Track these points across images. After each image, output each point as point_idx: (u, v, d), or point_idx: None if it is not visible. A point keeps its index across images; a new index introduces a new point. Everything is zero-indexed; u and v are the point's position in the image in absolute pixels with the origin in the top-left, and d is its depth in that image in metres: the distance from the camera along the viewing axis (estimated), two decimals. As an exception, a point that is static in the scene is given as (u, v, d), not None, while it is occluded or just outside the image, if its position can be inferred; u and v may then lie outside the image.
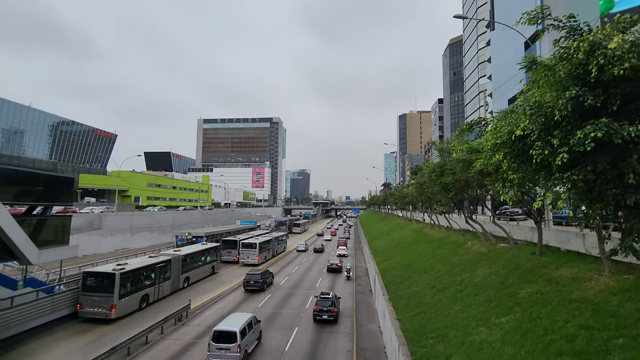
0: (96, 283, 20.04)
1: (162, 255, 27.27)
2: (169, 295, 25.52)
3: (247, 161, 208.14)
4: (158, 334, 17.89)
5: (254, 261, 38.27)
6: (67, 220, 17.57)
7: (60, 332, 18.09)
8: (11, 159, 70.04)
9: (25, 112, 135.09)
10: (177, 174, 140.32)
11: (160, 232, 55.84)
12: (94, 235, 42.18)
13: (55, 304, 18.39)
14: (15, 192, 14.84)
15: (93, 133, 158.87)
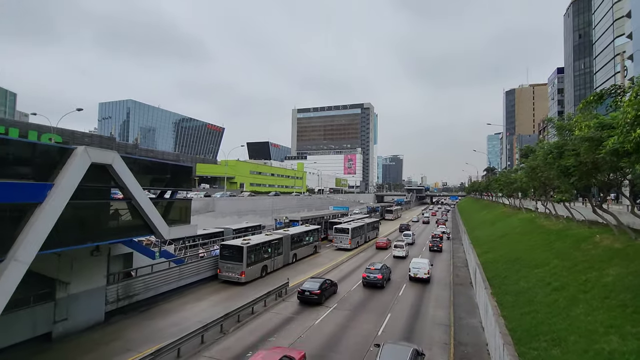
0: (229, 253, 24.78)
1: (275, 233, 31.23)
2: (281, 267, 29.56)
3: (338, 148, 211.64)
4: (262, 306, 19.84)
5: (347, 246, 39.29)
6: (188, 203, 20.61)
7: (207, 288, 23.54)
8: (147, 152, 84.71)
9: (155, 112, 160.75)
10: (274, 162, 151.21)
11: (261, 215, 61.23)
12: (209, 216, 48.57)
13: (199, 268, 24.39)
14: (151, 179, 17.93)
15: (205, 127, 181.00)
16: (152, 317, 18.29)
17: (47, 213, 11.39)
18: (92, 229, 14.21)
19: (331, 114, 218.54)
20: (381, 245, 41.06)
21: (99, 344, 14.99)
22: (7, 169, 11.16)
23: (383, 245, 41.01)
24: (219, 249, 26.37)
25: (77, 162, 12.45)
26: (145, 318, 18.09)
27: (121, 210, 15.92)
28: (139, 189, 15.53)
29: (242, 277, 24.22)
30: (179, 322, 17.49)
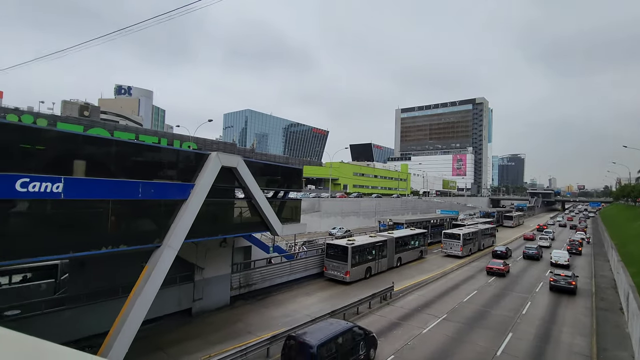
0: (335, 253, 25.66)
1: (379, 236, 31.01)
2: (385, 271, 29.07)
3: (446, 148, 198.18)
4: (366, 307, 19.86)
5: (458, 253, 36.52)
6: (299, 203, 22.11)
7: (314, 284, 24.72)
8: (261, 156, 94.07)
9: (268, 119, 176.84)
10: (377, 163, 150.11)
11: (364, 217, 61.58)
12: (315, 216, 51.13)
13: (307, 265, 25.91)
14: (266, 180, 19.80)
15: (311, 131, 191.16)
16: (267, 305, 20.13)
17: (190, 208, 13.60)
18: (221, 224, 16.39)
19: (438, 111, 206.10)
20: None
21: (227, 323, 17.22)
22: (162, 171, 13.74)
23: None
24: (305, 250, 27.65)
25: (211, 165, 14.55)
26: (262, 306, 20.01)
27: (243, 208, 17.99)
28: (257, 189, 17.29)
29: (347, 276, 24.69)
30: (289, 314, 18.82)
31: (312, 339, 11.77)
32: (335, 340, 12.20)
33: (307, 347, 11.47)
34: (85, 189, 10.76)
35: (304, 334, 12.45)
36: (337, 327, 12.89)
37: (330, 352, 11.84)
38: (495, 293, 24.24)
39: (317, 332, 12.50)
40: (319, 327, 13.11)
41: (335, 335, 12.30)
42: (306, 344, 11.61)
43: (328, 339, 11.96)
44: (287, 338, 12.66)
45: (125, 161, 12.39)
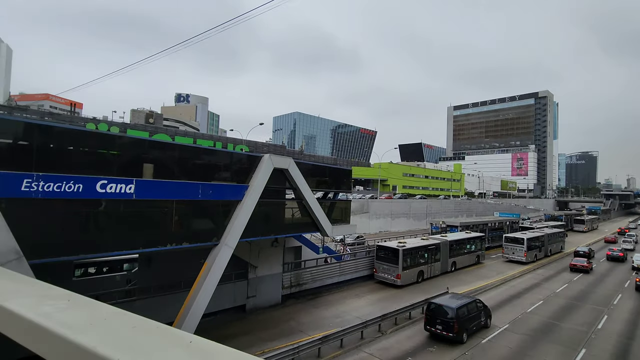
0: (385, 255, 25.20)
1: (432, 238, 29.98)
2: (438, 275, 27.88)
3: (504, 146, 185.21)
4: (419, 313, 19.17)
5: (521, 259, 33.90)
6: (348, 204, 22.08)
7: (364, 286, 24.47)
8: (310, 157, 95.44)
9: (316, 121, 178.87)
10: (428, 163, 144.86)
11: (415, 219, 59.64)
12: (363, 217, 50.59)
13: (357, 266, 25.78)
14: (316, 181, 20.00)
15: (359, 132, 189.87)
16: (317, 305, 20.29)
17: (245, 209, 14.17)
18: (273, 224, 16.86)
19: (495, 107, 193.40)
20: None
21: (279, 321, 17.65)
22: (219, 173, 14.48)
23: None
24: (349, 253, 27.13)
25: (264, 167, 15.03)
26: (313, 306, 20.21)
27: (294, 209, 18.34)
28: (308, 189, 17.51)
29: (398, 279, 24.08)
30: (339, 315, 18.79)
31: (450, 304, 15.99)
32: (466, 306, 16.20)
33: (449, 308, 15.63)
34: (153, 190, 11.68)
35: (440, 301, 16.52)
36: (465, 299, 17.14)
37: (463, 314, 15.74)
38: (564, 304, 22.08)
39: (451, 300, 16.77)
40: (449, 298, 17.29)
41: (466, 303, 16.36)
42: (448, 306, 15.78)
43: (462, 305, 16.03)
44: (428, 304, 16.80)
45: (186, 164, 13.25)
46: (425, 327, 16.23)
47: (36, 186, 9.14)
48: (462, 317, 15.53)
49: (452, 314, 15.37)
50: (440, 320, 15.61)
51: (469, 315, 16.11)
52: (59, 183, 9.56)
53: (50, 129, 11.02)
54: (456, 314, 15.31)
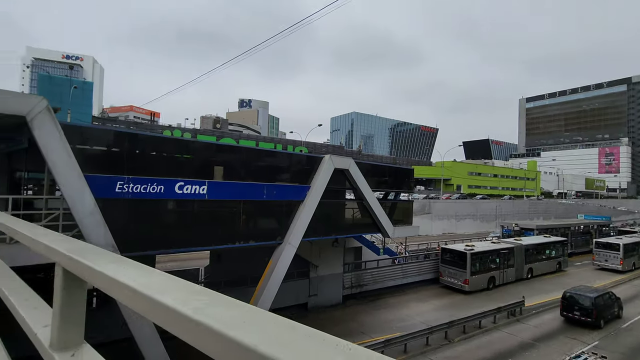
0: (451, 258, 23.98)
1: (504, 242, 27.91)
2: (512, 282, 25.74)
3: (589, 140, 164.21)
4: (491, 322, 17.83)
5: (617, 267, 29.94)
6: (410, 205, 21.40)
7: (428, 290, 23.59)
8: (368, 157, 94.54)
9: (374, 120, 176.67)
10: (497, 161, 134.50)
11: (482, 221, 55.76)
12: (425, 218, 48.61)
13: (420, 269, 24.91)
14: (376, 181, 19.63)
15: (419, 129, 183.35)
16: (379, 307, 19.94)
17: (307, 209, 14.44)
18: (334, 224, 16.93)
19: (576, 97, 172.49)
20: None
21: (340, 321, 17.69)
22: (282, 175, 14.95)
23: None
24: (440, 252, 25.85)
25: (325, 168, 15.16)
26: (374, 307, 19.91)
27: (354, 210, 18.24)
28: (368, 190, 17.29)
29: (466, 285, 22.65)
30: (403, 318, 18.24)
31: (588, 293, 17.90)
32: (602, 296, 17.91)
33: (587, 297, 17.50)
34: (223, 190, 12.45)
35: (577, 291, 18.47)
36: (599, 290, 18.81)
37: (600, 303, 17.52)
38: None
39: (588, 290, 18.72)
40: (582, 289, 18.89)
41: (602, 294, 18.16)
42: (586, 295, 17.66)
43: (599, 294, 17.84)
44: (563, 293, 18.62)
45: (252, 166, 13.90)
46: (562, 314, 18.29)
47: (127, 188, 10.27)
48: (599, 305, 17.37)
49: (590, 302, 17.23)
50: (578, 307, 17.56)
51: (605, 304, 17.90)
52: (145, 185, 10.63)
53: (136, 137, 12.34)
54: (594, 302, 17.18)
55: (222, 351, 0.57)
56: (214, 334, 0.58)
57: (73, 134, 9.54)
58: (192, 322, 0.63)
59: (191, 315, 0.64)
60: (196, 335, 0.62)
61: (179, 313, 0.66)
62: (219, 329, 0.58)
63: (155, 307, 0.75)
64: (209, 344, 0.59)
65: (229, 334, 0.56)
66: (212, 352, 0.59)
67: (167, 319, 0.71)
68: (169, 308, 0.69)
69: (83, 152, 9.89)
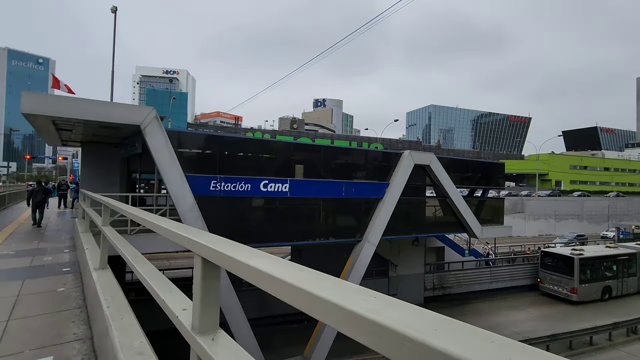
0: (554, 263, 21.39)
1: (622, 247, 23.98)
2: (634, 294, 21.91)
3: None
4: (605, 339, 15.32)
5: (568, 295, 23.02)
6: (501, 202, 19.44)
7: (524, 297, 21.25)
8: (448, 152, 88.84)
9: (453, 112, 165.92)
10: (608, 152, 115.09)
11: (590, 221, 48.26)
12: (517, 218, 43.85)
13: (514, 274, 22.54)
14: (461, 177, 18.25)
15: (507, 120, 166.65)
16: (464, 313, 18.61)
17: (386, 206, 14.13)
18: (414, 222, 16.26)
19: None
20: None
21: (422, 324, 16.94)
22: (360, 172, 14.84)
23: None
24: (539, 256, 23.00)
25: (405, 164, 14.64)
26: (460, 312, 18.64)
27: (436, 207, 17.28)
28: (452, 186, 16.21)
29: (574, 294, 19.82)
30: (493, 327, 16.69)
31: None
32: None
33: None
34: (303, 188, 12.85)
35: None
36: None
37: None
38: None
39: None
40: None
41: None
42: None
43: None
44: None
45: (330, 164, 14.08)
46: None
47: (220, 186, 11.24)
48: None
49: None
50: None
51: None
52: (234, 183, 11.52)
53: (225, 139, 13.44)
54: None
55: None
56: (408, 341, 0.52)
57: (174, 139, 10.74)
58: (374, 324, 0.58)
59: (373, 318, 0.59)
60: (381, 339, 0.57)
61: (351, 312, 0.62)
62: (417, 337, 0.52)
63: (314, 301, 0.72)
64: (403, 352, 0.53)
65: (433, 344, 0.49)
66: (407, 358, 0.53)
67: (331, 315, 0.67)
68: (336, 305, 0.66)
69: (182, 155, 11.09)
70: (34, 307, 4.31)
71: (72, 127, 11.24)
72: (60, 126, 10.89)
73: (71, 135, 13.19)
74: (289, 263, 1.00)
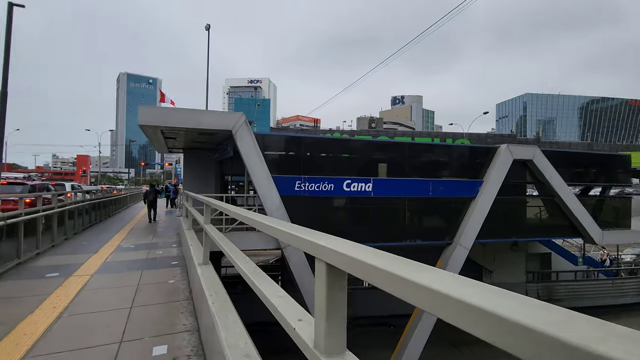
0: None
1: None
2: None
3: None
4: None
5: None
6: (627, 202, 16.10)
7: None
8: (550, 145, 78.06)
9: (553, 100, 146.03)
10: None
11: None
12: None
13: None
14: (571, 173, 15.55)
15: (626, 105, 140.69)
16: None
17: (480, 207, 12.80)
18: (514, 225, 14.45)
19: None
20: None
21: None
22: (449, 169, 13.75)
23: None
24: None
25: (501, 159, 13.09)
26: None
27: (540, 208, 15.12)
28: (562, 184, 13.99)
29: None
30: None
31: None
32: None
33: None
34: (387, 187, 12.36)
35: None
36: None
37: None
38: None
39: None
40: None
41: None
42: None
43: None
44: None
45: (416, 161, 13.32)
46: None
47: (304, 186, 11.44)
48: None
49: None
50: None
51: None
52: (318, 183, 11.60)
53: (309, 140, 13.67)
54: None
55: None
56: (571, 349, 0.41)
57: (260, 142, 11.22)
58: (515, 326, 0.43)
59: (511, 318, 0.44)
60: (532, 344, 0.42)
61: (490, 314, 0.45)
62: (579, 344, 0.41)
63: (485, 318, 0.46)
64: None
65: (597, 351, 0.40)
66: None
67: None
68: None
69: (268, 157, 11.55)
70: (150, 296, 4.77)
71: (176, 135, 12.58)
72: (166, 134, 12.28)
73: (175, 143, 14.83)
74: (432, 268, 0.83)
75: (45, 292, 4.80)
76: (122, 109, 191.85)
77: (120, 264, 6.69)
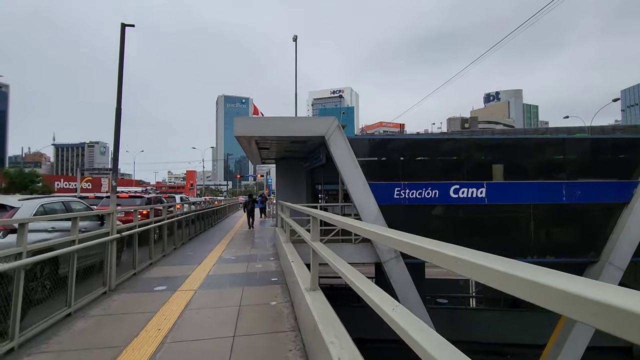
0: None
1: None
2: None
3: None
4: None
5: None
6: None
7: None
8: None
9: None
10: None
11: None
12: None
13: None
14: None
15: None
16: None
17: (636, 215, 9.90)
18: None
19: None
20: None
21: None
22: (587, 168, 11.02)
23: None
24: None
25: (668, 153, 9.99)
26: None
27: None
28: None
29: None
30: None
31: None
32: None
33: None
34: (506, 192, 10.38)
35: None
36: None
37: None
38: None
39: None
40: None
41: None
42: None
43: None
44: None
45: (542, 160, 11.02)
46: None
47: (404, 193, 10.24)
48: None
49: None
50: None
51: None
52: (420, 190, 10.28)
53: (404, 142, 12.42)
54: None
55: None
56: None
57: (355, 147, 10.41)
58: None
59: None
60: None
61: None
62: None
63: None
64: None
65: None
66: None
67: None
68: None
69: (361, 163, 10.65)
70: (253, 321, 4.22)
71: (269, 145, 12.60)
72: (260, 145, 12.36)
73: (268, 154, 15.03)
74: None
75: (152, 308, 4.64)
76: (221, 127, 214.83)
77: (222, 278, 6.48)
